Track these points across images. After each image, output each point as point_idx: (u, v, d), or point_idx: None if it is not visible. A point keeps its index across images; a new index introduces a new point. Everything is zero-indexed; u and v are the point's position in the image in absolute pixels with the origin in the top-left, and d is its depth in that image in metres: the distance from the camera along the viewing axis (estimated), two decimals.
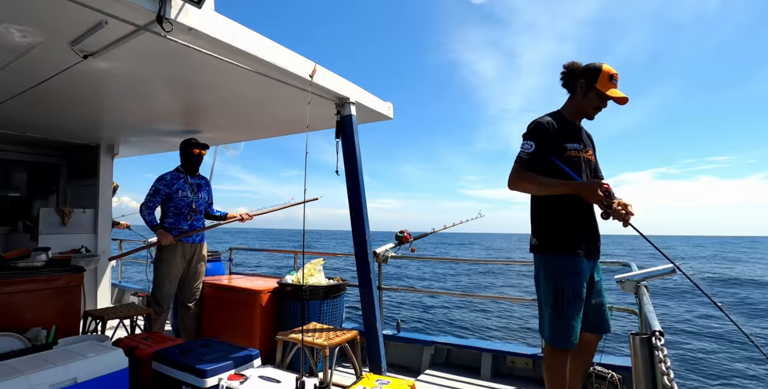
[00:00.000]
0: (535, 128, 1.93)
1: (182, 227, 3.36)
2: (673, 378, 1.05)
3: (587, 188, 1.77)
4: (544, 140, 1.90)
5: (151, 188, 3.36)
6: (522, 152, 1.92)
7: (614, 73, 1.88)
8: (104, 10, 1.55)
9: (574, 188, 1.80)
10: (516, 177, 1.92)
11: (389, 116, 3.25)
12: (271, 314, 3.25)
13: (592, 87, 1.89)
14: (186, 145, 3.47)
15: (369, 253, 2.68)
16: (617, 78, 1.89)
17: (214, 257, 4.28)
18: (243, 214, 3.74)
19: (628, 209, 1.74)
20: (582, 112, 1.99)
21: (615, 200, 1.75)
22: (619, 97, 1.87)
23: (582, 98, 1.95)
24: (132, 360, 2.03)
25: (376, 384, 2.05)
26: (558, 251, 1.89)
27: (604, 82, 1.87)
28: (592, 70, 1.90)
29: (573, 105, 2.01)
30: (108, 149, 4.66)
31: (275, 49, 2.11)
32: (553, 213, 1.93)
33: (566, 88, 2.03)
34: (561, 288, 1.84)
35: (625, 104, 1.90)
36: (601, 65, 1.89)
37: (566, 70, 2.02)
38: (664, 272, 1.97)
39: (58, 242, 3.97)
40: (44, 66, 2.19)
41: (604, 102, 1.92)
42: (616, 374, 2.44)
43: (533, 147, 1.89)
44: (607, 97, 1.88)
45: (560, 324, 1.83)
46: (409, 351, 3.29)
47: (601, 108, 1.95)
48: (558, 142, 1.90)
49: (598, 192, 1.74)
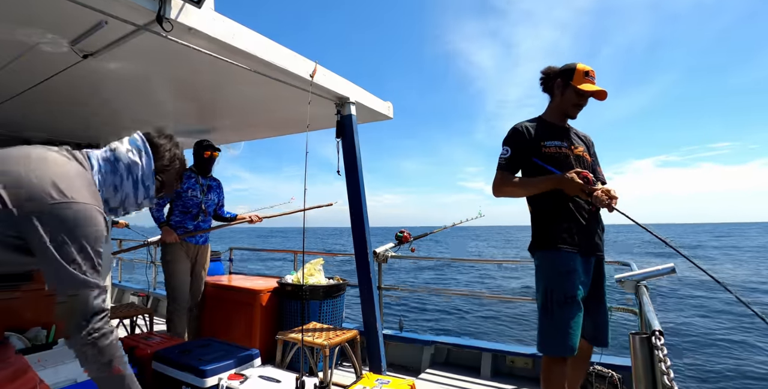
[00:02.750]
0: (510, 134, 1.99)
1: (187, 227, 3.34)
2: (673, 377, 1.05)
3: (565, 179, 1.78)
4: (519, 143, 1.93)
5: None
6: (500, 158, 1.96)
7: (589, 70, 1.90)
8: (104, 10, 1.54)
9: (554, 182, 1.82)
10: (497, 183, 1.95)
11: (389, 116, 3.25)
12: (271, 314, 3.25)
13: (568, 85, 1.92)
14: (198, 146, 3.45)
15: (369, 253, 2.68)
16: (593, 74, 1.91)
17: (214, 257, 4.29)
18: (252, 216, 3.72)
19: (611, 193, 1.74)
20: (563, 112, 2.00)
21: (596, 187, 1.76)
22: (595, 91, 1.88)
23: (560, 98, 1.98)
24: (132, 360, 2.03)
25: (376, 383, 2.05)
26: (547, 248, 1.88)
27: (580, 79, 1.89)
28: (567, 70, 1.93)
29: (553, 107, 2.03)
30: None
31: (275, 49, 2.11)
32: (543, 212, 1.93)
33: (546, 92, 2.06)
34: (551, 290, 1.80)
35: (604, 98, 1.91)
36: (576, 64, 1.92)
37: (544, 75, 2.04)
38: (664, 272, 1.97)
39: None
40: (44, 66, 2.19)
41: (582, 99, 1.94)
42: (616, 373, 2.44)
43: (509, 152, 1.94)
44: (582, 92, 1.89)
45: (549, 328, 1.78)
46: (409, 351, 3.29)
47: (581, 105, 1.96)
48: (535, 141, 1.92)
49: (575, 182, 1.75)
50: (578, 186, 1.75)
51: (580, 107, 1.97)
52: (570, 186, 1.78)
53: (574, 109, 1.97)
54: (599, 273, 1.93)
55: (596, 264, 1.92)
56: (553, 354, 1.79)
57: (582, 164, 1.96)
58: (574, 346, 1.75)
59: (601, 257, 1.94)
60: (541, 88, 2.07)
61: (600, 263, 1.94)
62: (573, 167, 1.90)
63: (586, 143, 2.08)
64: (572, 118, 2.02)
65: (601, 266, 1.95)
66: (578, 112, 1.99)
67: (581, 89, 1.88)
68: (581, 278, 1.82)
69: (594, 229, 1.91)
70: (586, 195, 1.77)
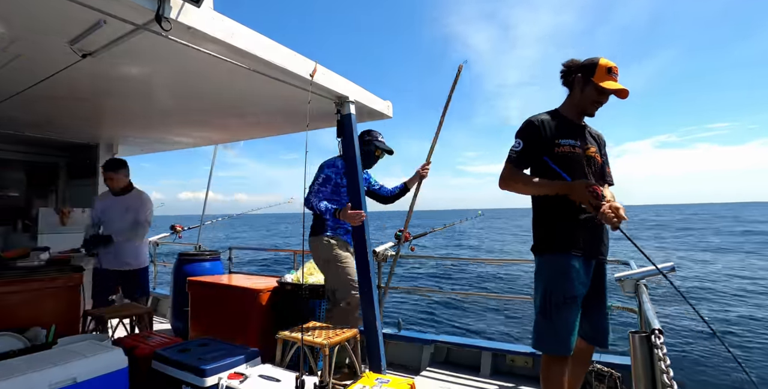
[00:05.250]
0: (524, 126, 1.91)
1: (348, 227, 2.88)
2: (673, 376, 1.05)
3: (574, 188, 1.73)
4: (532, 137, 1.87)
5: (320, 176, 2.84)
6: (511, 150, 1.90)
7: (612, 66, 1.83)
8: (103, 9, 1.54)
9: (563, 189, 1.77)
10: (506, 176, 1.89)
11: (388, 115, 3.25)
12: (270, 313, 3.25)
13: (590, 81, 1.85)
14: (369, 140, 3.02)
15: (369, 252, 2.68)
16: (616, 71, 1.84)
17: (213, 256, 4.29)
18: (420, 171, 3.20)
19: (619, 213, 1.66)
20: (581, 108, 1.93)
21: (604, 203, 1.69)
22: (618, 89, 1.81)
23: (580, 94, 1.91)
24: (132, 360, 2.03)
25: (375, 382, 2.05)
26: (549, 251, 1.86)
27: (602, 75, 1.82)
28: (589, 65, 1.86)
29: (571, 102, 1.96)
30: (107, 149, 4.66)
31: (274, 48, 2.11)
32: (547, 213, 1.90)
33: (566, 86, 1.99)
34: (550, 292, 1.80)
35: (626, 97, 1.84)
36: (599, 59, 1.85)
37: (565, 69, 1.98)
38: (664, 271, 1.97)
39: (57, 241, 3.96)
40: (43, 65, 2.19)
41: (602, 96, 1.87)
42: (615, 372, 2.44)
43: (521, 145, 1.87)
44: (604, 90, 1.83)
45: (549, 328, 1.78)
46: (409, 350, 3.29)
47: (601, 103, 1.90)
48: (549, 138, 1.86)
49: (584, 193, 1.70)
50: (586, 198, 1.70)
51: (599, 105, 1.91)
52: (578, 196, 1.73)
53: (593, 106, 1.90)
54: (599, 275, 1.91)
55: (597, 267, 1.90)
56: (552, 353, 1.79)
57: (593, 165, 1.93)
58: (572, 346, 1.76)
59: (603, 260, 1.92)
60: (561, 82, 2.00)
61: (601, 265, 1.92)
62: (584, 168, 1.88)
63: (598, 142, 2.03)
64: (590, 115, 1.96)
65: (602, 269, 1.92)
66: (597, 109, 1.92)
67: (602, 87, 1.81)
68: (581, 279, 1.81)
69: (599, 233, 1.88)
70: (592, 209, 1.71)
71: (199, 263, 4.14)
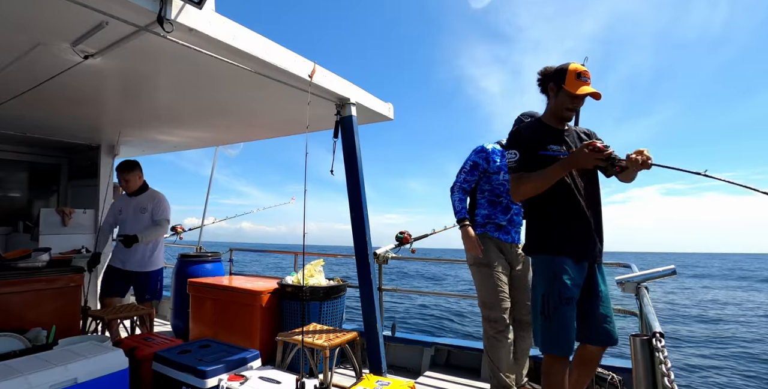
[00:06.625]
0: (511, 137, 1.99)
1: (500, 222, 2.49)
2: (674, 379, 1.04)
3: (577, 157, 1.75)
4: (523, 143, 1.92)
5: (468, 162, 2.53)
6: (509, 163, 1.94)
7: (582, 70, 1.85)
8: (105, 10, 1.55)
9: (567, 165, 1.78)
10: (514, 185, 1.93)
11: (390, 117, 3.25)
12: (271, 315, 3.24)
13: (561, 88, 1.88)
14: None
15: (369, 254, 2.68)
16: (587, 75, 1.86)
17: (214, 257, 4.30)
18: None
19: (644, 153, 1.65)
20: (557, 114, 1.97)
21: (610, 150, 1.70)
22: (589, 93, 1.84)
23: (554, 101, 1.95)
24: (132, 361, 2.03)
25: (376, 385, 2.04)
26: (542, 252, 1.89)
27: (572, 80, 1.85)
28: (560, 71, 1.89)
29: (549, 109, 2.01)
30: (108, 150, 4.67)
31: (275, 50, 2.11)
32: (538, 215, 1.93)
33: (544, 94, 2.03)
34: (547, 294, 1.82)
35: (599, 99, 1.86)
36: (568, 65, 1.87)
37: (540, 77, 2.01)
38: (665, 274, 1.96)
39: (58, 242, 3.98)
40: (45, 67, 2.20)
41: (576, 101, 1.90)
42: (616, 375, 2.43)
43: (517, 154, 1.91)
44: (575, 95, 1.85)
45: (548, 329, 1.80)
46: (409, 352, 3.29)
47: (574, 108, 1.93)
48: (538, 143, 1.90)
49: (588, 156, 1.71)
50: (591, 156, 1.71)
51: (573, 110, 1.93)
52: (584, 160, 1.74)
53: (568, 112, 1.93)
54: (592, 277, 1.91)
55: (590, 269, 1.91)
56: (555, 353, 1.81)
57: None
58: (572, 344, 1.80)
59: (596, 262, 1.92)
60: (539, 90, 2.04)
61: (593, 268, 1.92)
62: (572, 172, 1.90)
63: (584, 140, 2.03)
64: (567, 120, 1.99)
65: (594, 272, 1.92)
66: (572, 114, 1.95)
67: (575, 93, 1.84)
68: (575, 281, 1.83)
69: (590, 235, 1.88)
70: (604, 162, 1.72)
71: (200, 264, 4.15)
